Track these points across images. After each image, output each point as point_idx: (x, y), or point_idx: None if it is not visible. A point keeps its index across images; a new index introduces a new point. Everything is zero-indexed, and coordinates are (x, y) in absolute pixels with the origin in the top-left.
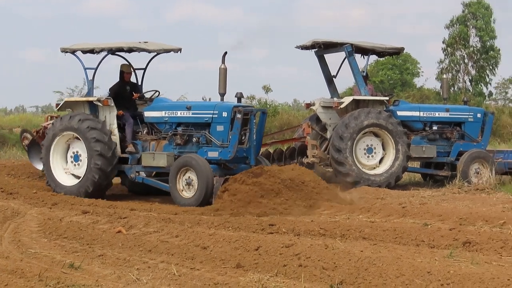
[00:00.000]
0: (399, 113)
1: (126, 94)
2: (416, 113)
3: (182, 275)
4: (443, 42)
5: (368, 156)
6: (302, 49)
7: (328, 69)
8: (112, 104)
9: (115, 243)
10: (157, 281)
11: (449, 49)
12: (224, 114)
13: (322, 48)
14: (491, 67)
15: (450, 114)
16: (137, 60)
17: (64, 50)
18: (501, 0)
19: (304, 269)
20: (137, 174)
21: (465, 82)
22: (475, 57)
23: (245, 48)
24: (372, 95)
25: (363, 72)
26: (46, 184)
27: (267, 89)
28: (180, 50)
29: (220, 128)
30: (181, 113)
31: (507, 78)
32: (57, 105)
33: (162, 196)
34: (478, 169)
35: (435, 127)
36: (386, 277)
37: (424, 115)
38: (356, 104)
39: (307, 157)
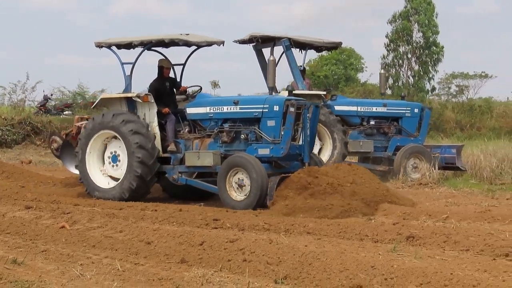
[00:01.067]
0: (337, 107)
1: (166, 90)
2: (354, 108)
3: (126, 271)
4: (386, 37)
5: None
6: (240, 43)
7: (266, 63)
8: (152, 100)
9: (59, 239)
10: (101, 277)
11: (392, 44)
12: (276, 108)
13: (260, 42)
14: (433, 63)
15: (387, 109)
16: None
17: (99, 45)
18: None
19: (248, 264)
20: (179, 175)
21: (409, 78)
22: (418, 53)
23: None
24: (309, 90)
25: (301, 66)
26: (86, 191)
27: (214, 85)
28: (223, 43)
29: (271, 123)
30: (227, 108)
31: (450, 74)
32: (92, 103)
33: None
34: (415, 164)
35: (372, 122)
36: (330, 272)
37: (362, 110)
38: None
39: None
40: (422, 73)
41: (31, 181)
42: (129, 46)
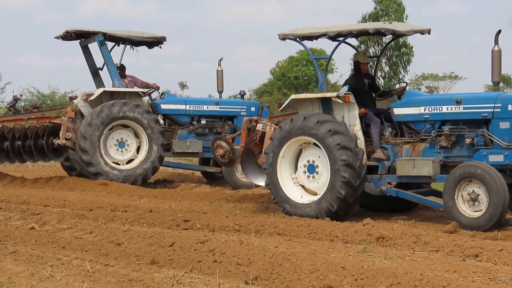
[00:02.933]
0: (164, 106)
1: (365, 88)
2: (182, 107)
3: (96, 272)
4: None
5: (120, 151)
6: (61, 39)
7: (93, 60)
8: (353, 100)
9: (28, 240)
10: (71, 278)
11: (362, 46)
12: (510, 107)
13: (74, 38)
14: (404, 64)
15: (220, 108)
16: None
17: (285, 37)
18: None
19: (219, 265)
20: (389, 186)
21: (379, 79)
22: (388, 54)
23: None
24: (138, 86)
25: (117, 64)
26: (273, 201)
27: (182, 85)
28: (429, 31)
29: (504, 125)
30: (447, 108)
31: (420, 75)
32: (279, 105)
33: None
34: None
35: (203, 121)
36: (301, 273)
37: (191, 108)
38: (111, 96)
39: (59, 138)
40: (392, 74)
41: (0, 182)
42: (319, 38)
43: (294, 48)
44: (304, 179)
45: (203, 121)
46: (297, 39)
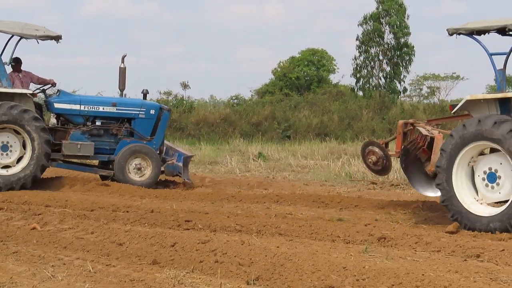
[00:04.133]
0: (57, 105)
1: None
2: (77, 106)
3: (97, 272)
4: (356, 39)
5: (5, 154)
6: None
7: None
8: None
9: (30, 240)
10: (73, 278)
11: (363, 46)
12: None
13: None
14: (405, 64)
15: (117, 109)
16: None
17: (455, 31)
18: None
19: (220, 265)
20: None
21: (380, 79)
22: (390, 54)
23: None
24: (33, 83)
25: (7, 62)
26: (450, 219)
27: (184, 86)
28: None
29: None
30: None
31: (421, 75)
32: (452, 107)
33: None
34: (139, 165)
35: (98, 123)
36: (302, 273)
37: (86, 108)
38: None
39: None
40: (393, 74)
41: None
42: (495, 31)
43: (295, 49)
44: (483, 189)
45: (97, 122)
46: (471, 34)
